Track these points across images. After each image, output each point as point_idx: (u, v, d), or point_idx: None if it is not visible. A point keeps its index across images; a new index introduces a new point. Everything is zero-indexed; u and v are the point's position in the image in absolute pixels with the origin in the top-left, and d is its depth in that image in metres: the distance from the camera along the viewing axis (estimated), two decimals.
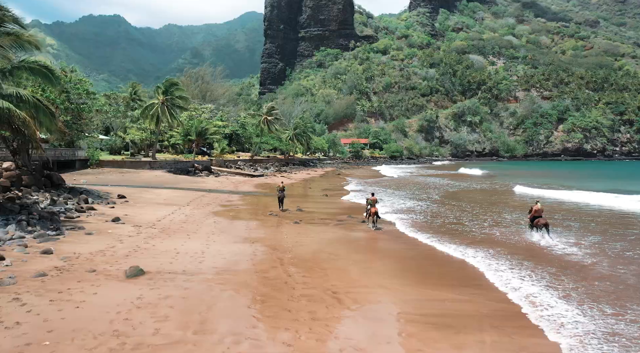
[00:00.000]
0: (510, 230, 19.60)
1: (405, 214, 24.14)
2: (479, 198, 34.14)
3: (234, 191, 34.93)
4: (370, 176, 66.30)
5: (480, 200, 32.56)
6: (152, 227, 17.17)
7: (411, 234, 18.18)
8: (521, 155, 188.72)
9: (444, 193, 38.28)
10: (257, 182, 45.54)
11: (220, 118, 68.04)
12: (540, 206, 18.55)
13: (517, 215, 23.49)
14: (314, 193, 36.81)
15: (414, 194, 36.68)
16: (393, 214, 24.19)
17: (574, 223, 21.26)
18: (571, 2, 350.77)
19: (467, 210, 26.15)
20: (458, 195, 36.54)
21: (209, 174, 47.67)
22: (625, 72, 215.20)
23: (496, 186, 43.72)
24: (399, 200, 31.35)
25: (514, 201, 31.42)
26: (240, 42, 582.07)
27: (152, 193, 28.04)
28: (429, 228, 19.56)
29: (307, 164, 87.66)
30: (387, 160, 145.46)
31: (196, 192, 31.29)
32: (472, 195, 36.98)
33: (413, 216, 23.31)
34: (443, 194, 37.03)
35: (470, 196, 35.70)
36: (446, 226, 20.23)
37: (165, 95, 43.38)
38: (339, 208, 26.62)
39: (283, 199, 24.67)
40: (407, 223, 21.03)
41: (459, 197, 35.08)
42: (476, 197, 35.18)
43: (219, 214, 22.25)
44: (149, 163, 43.76)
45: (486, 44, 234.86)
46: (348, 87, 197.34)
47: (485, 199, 33.60)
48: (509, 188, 41.36)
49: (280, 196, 24.51)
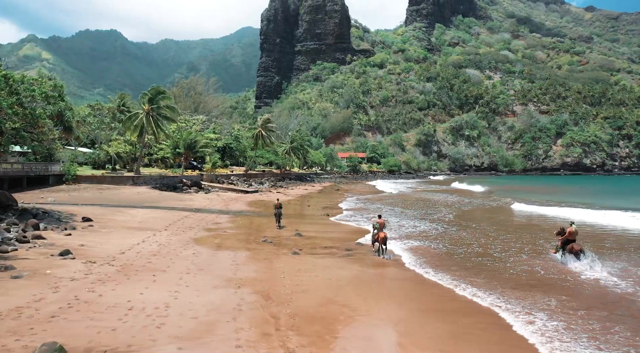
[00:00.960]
0: (552, 263, 16.02)
1: (419, 241, 20.46)
2: (498, 219, 30.52)
3: (224, 210, 31.08)
4: (370, 192, 62.68)
5: (501, 221, 28.94)
6: (109, 263, 13.33)
7: (437, 274, 14.24)
8: (520, 170, 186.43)
9: (456, 212, 34.67)
10: (251, 199, 41.75)
11: (213, 130, 64.45)
12: (575, 228, 16.11)
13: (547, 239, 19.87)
14: (313, 212, 33.07)
15: (424, 213, 33.04)
16: (406, 241, 20.49)
17: (607, 246, 17.68)
18: (564, 19, 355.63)
19: (490, 235, 22.52)
20: (472, 215, 32.94)
21: (198, 190, 43.86)
22: (622, 87, 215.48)
23: (511, 206, 40.14)
24: (408, 221, 27.70)
25: (540, 223, 27.84)
26: (236, 57, 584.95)
27: (126, 214, 24.19)
28: (454, 264, 15.80)
29: (304, 179, 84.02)
30: (386, 174, 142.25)
31: (180, 212, 27.46)
32: (488, 215, 33.39)
33: (431, 245, 19.58)
34: (456, 213, 33.40)
35: (488, 217, 32.10)
36: (473, 260, 16.47)
37: (150, 104, 39.68)
38: (344, 232, 22.89)
39: (280, 217, 23.82)
40: (427, 256, 17.27)
41: (475, 217, 31.48)
42: (494, 217, 31.56)
43: (201, 241, 18.43)
44: (132, 179, 39.92)
45: (482, 59, 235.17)
46: (345, 101, 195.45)
47: (506, 220, 30.00)
48: (524, 207, 37.80)
49: (277, 213, 23.68)
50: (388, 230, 20.35)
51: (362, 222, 27.20)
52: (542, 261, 16.28)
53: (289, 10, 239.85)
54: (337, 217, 30.06)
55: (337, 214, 31.68)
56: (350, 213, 32.83)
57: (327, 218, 29.55)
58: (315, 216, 30.02)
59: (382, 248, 16.72)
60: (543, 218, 30.21)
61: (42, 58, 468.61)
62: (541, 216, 30.99)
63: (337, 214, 31.33)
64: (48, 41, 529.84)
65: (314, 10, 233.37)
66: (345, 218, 29.60)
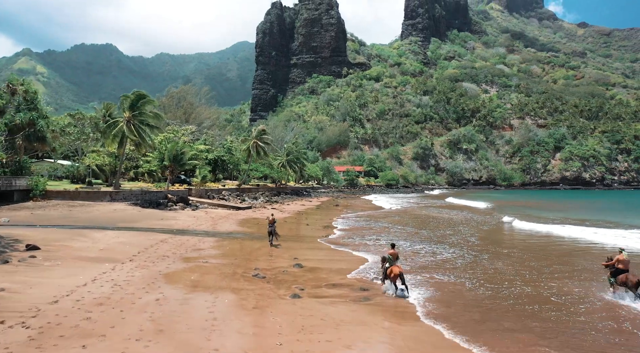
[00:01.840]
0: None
1: (445, 274, 16.41)
2: (530, 243, 26.54)
3: (210, 231, 26.85)
4: (371, 208, 58.64)
5: (533, 247, 24.93)
6: (25, 323, 9.13)
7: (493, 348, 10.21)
8: (518, 184, 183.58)
9: (475, 232, 30.67)
10: (243, 217, 37.54)
11: (204, 142, 60.45)
12: (626, 256, 13.61)
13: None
14: (312, 233, 28.95)
15: (440, 235, 29.01)
16: (426, 274, 16.42)
17: None
18: (557, 34, 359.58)
19: (530, 265, 18.53)
20: (496, 237, 28.91)
21: (184, 207, 39.62)
22: (618, 101, 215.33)
23: (536, 227, 36.16)
24: (423, 245, 23.64)
25: (579, 249, 23.89)
26: (232, 71, 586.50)
27: (88, 239, 19.95)
28: (508, 318, 11.75)
29: (301, 193, 79.92)
30: (384, 188, 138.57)
31: (157, 235, 23.24)
32: (516, 238, 29.38)
33: (463, 282, 15.52)
34: (477, 234, 29.39)
35: (517, 240, 28.06)
36: (529, 310, 12.37)
37: (132, 110, 35.63)
38: (352, 262, 18.81)
39: (274, 234, 22.13)
40: (462, 302, 13.19)
41: (500, 240, 27.48)
42: (525, 241, 27.52)
43: (173, 278, 14.25)
44: (109, 194, 35.63)
45: (479, 73, 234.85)
46: (341, 114, 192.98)
47: (538, 243, 26.02)
48: (548, 229, 33.83)
49: (271, 230, 22.03)
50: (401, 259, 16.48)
51: (371, 246, 23.15)
52: (627, 312, 12.25)
53: (285, 23, 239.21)
54: (340, 238, 25.99)
55: (340, 236, 27.61)
56: (354, 234, 28.75)
57: (329, 240, 25.45)
58: (315, 239, 25.90)
59: (396, 287, 13.28)
60: (575, 242, 26.32)
61: (36, 72, 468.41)
62: (574, 241, 27.07)
63: (340, 236, 27.25)
64: (43, 55, 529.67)
65: (310, 23, 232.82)
66: (349, 240, 25.51)
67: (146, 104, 36.52)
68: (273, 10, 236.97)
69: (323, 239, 25.85)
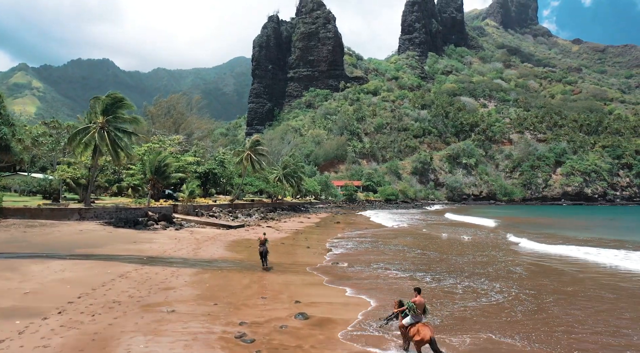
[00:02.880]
0: None
1: (511, 336, 11.51)
2: (593, 280, 21.78)
3: (190, 259, 21.84)
4: (374, 226, 53.75)
5: (602, 285, 20.21)
6: None
7: None
8: (519, 199, 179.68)
9: (510, 258, 25.88)
10: (234, 237, 32.57)
11: (194, 154, 55.67)
12: None
13: None
14: (315, 259, 24.04)
15: (467, 263, 24.18)
16: (481, 337, 11.56)
17: None
18: (552, 51, 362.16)
19: (623, 317, 13.79)
20: (543, 268, 24.05)
21: (167, 226, 34.62)
22: (617, 116, 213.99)
23: (571, 251, 31.45)
24: (454, 279, 18.74)
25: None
26: (228, 86, 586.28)
27: (18, 275, 14.98)
28: None
29: (298, 209, 75.02)
30: (383, 204, 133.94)
31: (119, 266, 18.26)
32: (562, 270, 24.64)
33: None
34: (517, 262, 24.58)
35: (577, 279, 23.31)
36: None
37: (106, 115, 30.88)
38: (372, 309, 13.94)
39: (266, 255, 20.13)
40: None
41: (550, 272, 22.67)
42: (582, 272, 22.78)
43: (110, 345, 9.34)
44: (78, 212, 30.63)
45: (476, 87, 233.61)
46: (338, 128, 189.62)
47: (604, 282, 21.27)
48: (601, 255, 29.14)
49: (262, 250, 20.01)
50: (429, 299, 11.69)
51: (392, 283, 18.32)
52: None
53: (282, 37, 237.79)
54: (348, 267, 21.14)
55: (345, 261, 22.73)
56: (361, 260, 23.84)
57: (334, 272, 20.56)
58: (319, 271, 20.99)
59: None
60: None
61: (32, 86, 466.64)
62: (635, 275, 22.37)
63: (349, 264, 22.36)
64: (39, 70, 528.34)
65: (307, 37, 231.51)
66: (358, 270, 20.65)
67: (122, 107, 31.79)
68: (270, 24, 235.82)
69: (330, 267, 20.98)
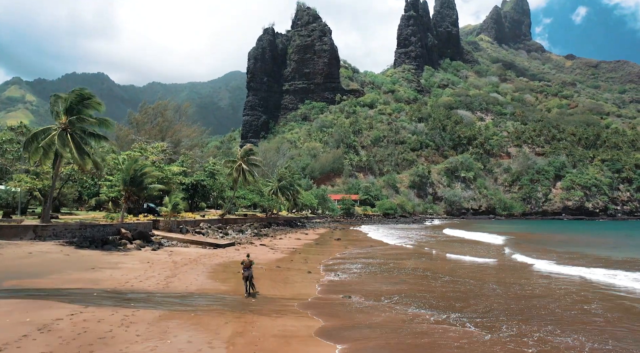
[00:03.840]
0: None
1: None
2: None
3: (157, 293, 16.97)
4: (377, 243, 48.92)
5: None
6: None
7: None
8: (519, 213, 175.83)
9: (578, 298, 21.36)
10: (220, 260, 27.75)
11: (182, 163, 51.01)
12: None
13: None
14: (317, 289, 19.32)
15: (510, 303, 19.62)
16: None
17: None
18: (546, 66, 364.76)
19: None
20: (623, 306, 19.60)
21: (143, 245, 29.78)
22: (615, 130, 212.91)
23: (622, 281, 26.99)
24: (515, 329, 14.22)
25: None
26: (223, 100, 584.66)
27: None
28: None
29: (294, 224, 70.23)
30: (382, 218, 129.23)
31: (51, 308, 13.49)
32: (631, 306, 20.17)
33: None
34: (590, 304, 20.06)
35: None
36: None
37: (69, 114, 26.23)
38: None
39: (251, 280, 17.05)
40: None
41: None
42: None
43: None
44: (33, 229, 25.77)
45: (473, 100, 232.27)
46: (335, 141, 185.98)
47: None
48: None
49: (246, 275, 16.90)
50: None
51: (420, 333, 13.71)
52: None
53: (277, 49, 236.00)
54: (360, 301, 16.51)
55: (359, 296, 18.07)
56: (372, 290, 19.24)
57: (343, 324, 15.91)
58: (322, 313, 16.28)
59: None
60: None
61: (25, 100, 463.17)
62: None
63: (360, 296, 17.71)
64: (33, 84, 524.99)
65: (303, 49, 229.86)
66: (372, 310, 16.01)
67: (89, 106, 27.23)
68: (265, 36, 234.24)
69: (331, 303, 16.30)
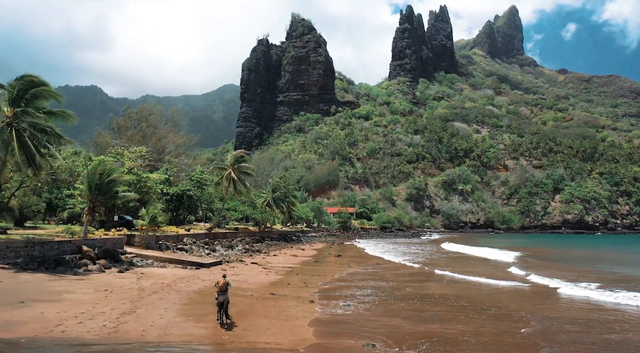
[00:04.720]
0: None
1: None
2: None
3: (92, 345, 11.89)
4: (381, 262, 43.93)
5: None
6: None
7: None
8: (518, 227, 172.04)
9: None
10: (202, 285, 22.78)
11: (165, 171, 46.15)
12: None
13: None
14: (325, 336, 14.45)
15: None
16: None
17: None
18: (539, 80, 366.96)
19: None
20: None
21: (109, 265, 24.80)
22: (611, 143, 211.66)
23: None
24: None
25: None
26: (217, 113, 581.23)
27: None
28: None
29: (289, 238, 65.25)
30: (379, 232, 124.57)
31: None
32: None
33: None
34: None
35: None
36: None
37: (15, 106, 21.38)
38: None
39: (226, 306, 13.78)
40: None
41: None
42: None
43: None
44: None
45: (469, 112, 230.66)
46: (330, 153, 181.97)
47: None
48: None
49: (220, 302, 13.69)
50: None
51: None
52: None
53: (271, 61, 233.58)
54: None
55: (381, 344, 13.31)
56: (398, 334, 14.47)
57: None
58: None
59: None
60: None
61: None
62: None
63: (383, 343, 12.93)
64: None
65: (297, 60, 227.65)
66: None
67: (43, 98, 22.47)
68: (259, 47, 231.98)
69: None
